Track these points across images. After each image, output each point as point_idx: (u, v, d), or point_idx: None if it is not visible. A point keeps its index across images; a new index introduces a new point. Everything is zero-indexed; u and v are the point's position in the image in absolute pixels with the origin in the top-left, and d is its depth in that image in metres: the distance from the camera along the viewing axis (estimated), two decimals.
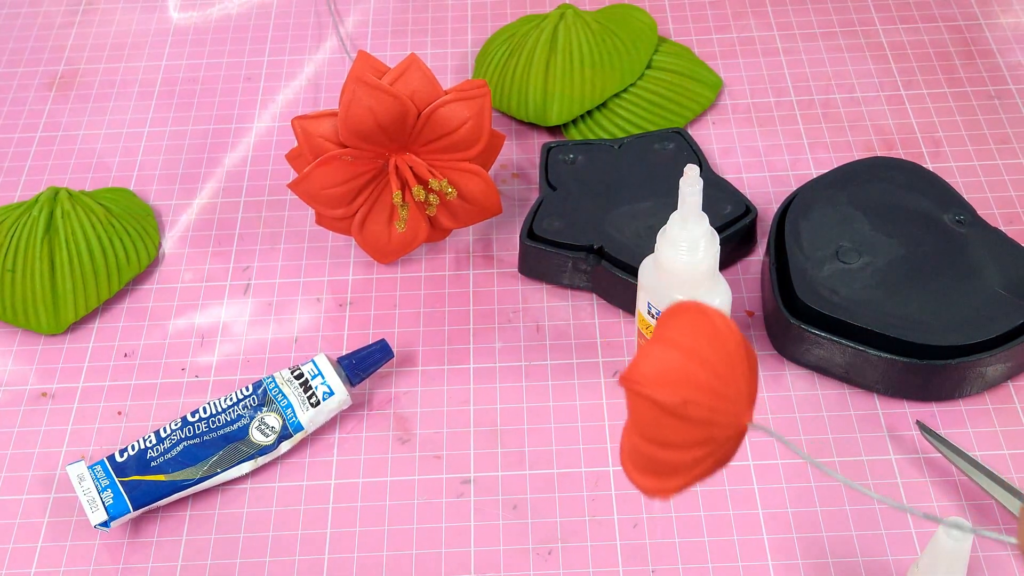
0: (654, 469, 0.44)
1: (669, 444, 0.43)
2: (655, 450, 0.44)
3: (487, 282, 0.73)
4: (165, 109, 0.86)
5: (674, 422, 0.43)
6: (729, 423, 0.43)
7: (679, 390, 0.42)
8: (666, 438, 0.43)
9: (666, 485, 0.44)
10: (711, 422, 0.43)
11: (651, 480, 0.45)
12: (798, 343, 0.66)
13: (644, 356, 0.43)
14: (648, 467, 0.44)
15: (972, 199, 0.75)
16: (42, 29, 0.93)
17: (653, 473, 0.44)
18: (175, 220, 0.78)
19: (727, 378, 0.43)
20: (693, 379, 0.42)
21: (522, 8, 0.92)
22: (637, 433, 0.44)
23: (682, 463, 0.44)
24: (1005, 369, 0.64)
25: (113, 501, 0.60)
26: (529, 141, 0.81)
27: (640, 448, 0.44)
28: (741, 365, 0.43)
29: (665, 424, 0.43)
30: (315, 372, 0.65)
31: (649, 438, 0.44)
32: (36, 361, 0.70)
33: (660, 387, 0.43)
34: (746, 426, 0.43)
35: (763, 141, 0.80)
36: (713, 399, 0.42)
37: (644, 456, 0.44)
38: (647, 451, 0.44)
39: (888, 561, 0.59)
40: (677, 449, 0.43)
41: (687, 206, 0.56)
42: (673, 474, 0.44)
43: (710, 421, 0.43)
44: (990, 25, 0.88)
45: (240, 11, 0.94)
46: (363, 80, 0.65)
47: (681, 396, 0.42)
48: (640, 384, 0.43)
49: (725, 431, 0.43)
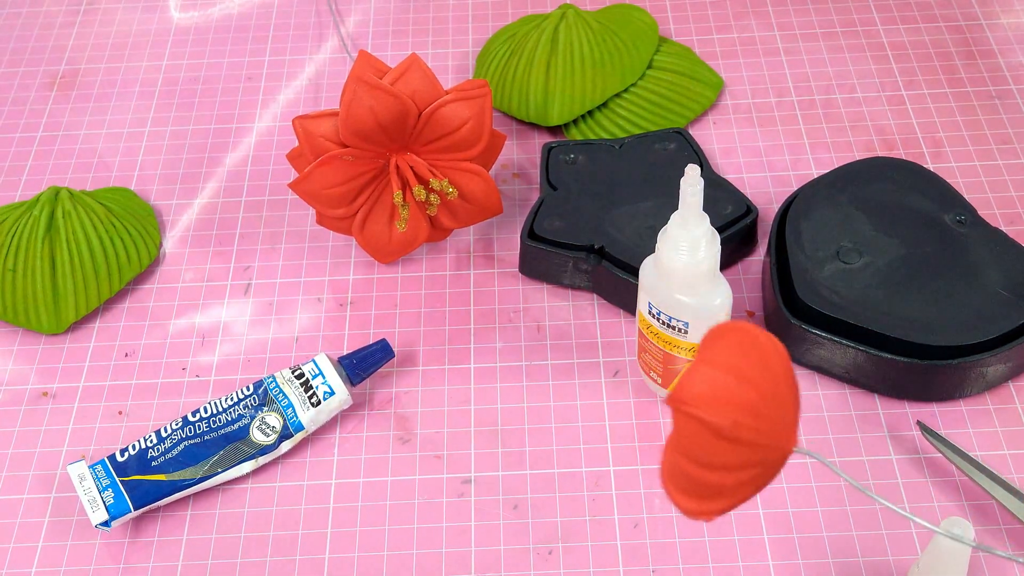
0: (698, 491, 0.43)
1: (715, 466, 0.43)
2: (700, 472, 0.43)
3: (488, 282, 0.73)
4: (166, 109, 0.86)
5: (722, 444, 0.42)
6: (776, 446, 0.42)
7: (729, 412, 0.42)
8: (713, 460, 0.42)
9: (709, 507, 0.43)
10: (759, 444, 0.42)
11: (694, 502, 0.44)
12: (799, 343, 0.66)
13: (693, 376, 0.43)
14: (691, 489, 0.44)
15: (973, 199, 0.75)
16: (43, 29, 0.93)
17: (696, 495, 0.44)
18: (176, 220, 0.78)
19: (774, 400, 0.42)
20: (743, 401, 0.42)
21: (523, 8, 0.92)
22: (682, 454, 0.43)
23: (727, 486, 0.43)
24: (1006, 369, 0.64)
25: (114, 501, 0.60)
26: (530, 141, 0.81)
27: (684, 469, 0.43)
28: (787, 387, 0.42)
29: (713, 446, 0.42)
30: (316, 372, 0.65)
31: (695, 459, 0.43)
32: (37, 361, 0.70)
33: (710, 408, 0.42)
34: (791, 450, 0.43)
35: (764, 141, 0.80)
36: (761, 421, 0.42)
37: (688, 477, 0.43)
38: (692, 472, 0.43)
39: (888, 561, 0.59)
40: (723, 471, 0.43)
41: (688, 206, 0.56)
42: (717, 496, 0.43)
43: (758, 444, 0.42)
44: (991, 25, 0.88)
45: (241, 11, 0.94)
46: (364, 80, 0.65)
47: (731, 418, 0.41)
48: (690, 405, 0.42)
49: (772, 454, 0.42)
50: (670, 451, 0.44)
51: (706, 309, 0.58)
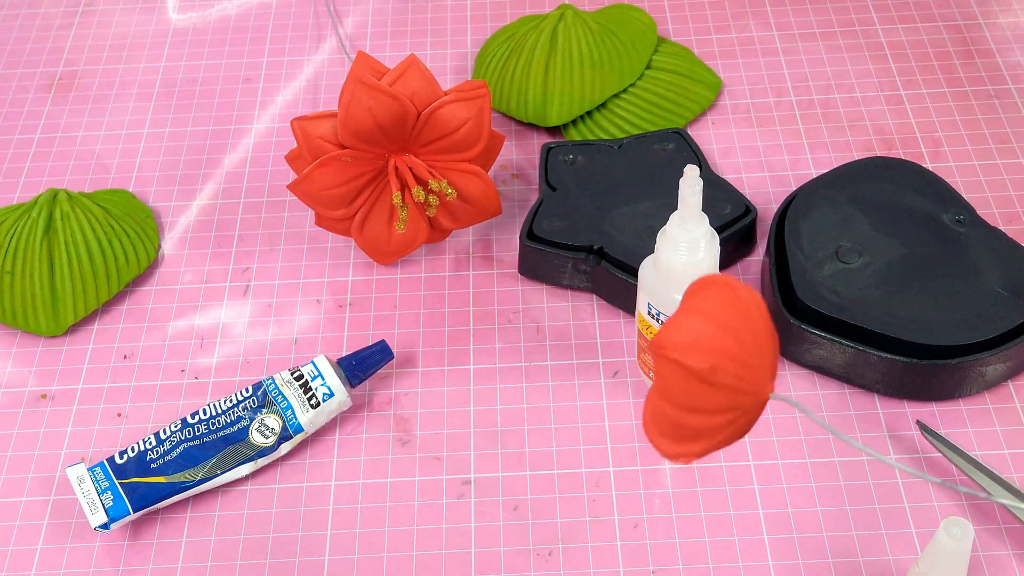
0: (678, 434, 0.46)
1: (695, 409, 0.45)
2: (681, 415, 0.45)
3: (487, 283, 0.73)
4: (164, 110, 0.86)
5: (702, 387, 0.45)
6: (753, 391, 0.45)
7: (708, 356, 0.44)
8: (693, 403, 0.45)
9: (688, 449, 0.46)
10: (737, 389, 0.44)
11: (674, 445, 0.46)
12: (798, 343, 0.66)
13: (674, 324, 0.45)
14: (672, 432, 0.46)
15: (972, 199, 0.75)
16: (41, 30, 0.93)
17: (677, 438, 0.46)
18: (174, 221, 0.78)
19: (752, 348, 0.44)
20: (721, 347, 0.44)
21: (521, 8, 0.92)
22: (663, 398, 0.46)
23: (706, 428, 0.45)
24: (1005, 369, 0.64)
25: (113, 503, 0.60)
26: (529, 142, 0.81)
27: (666, 412, 0.46)
28: (765, 337, 0.45)
29: (693, 389, 0.45)
30: (315, 373, 0.65)
31: (676, 403, 0.45)
32: (35, 363, 0.70)
33: (690, 353, 0.44)
34: (768, 396, 0.45)
35: (763, 141, 0.80)
36: (739, 367, 0.44)
37: (669, 420, 0.46)
38: (673, 416, 0.46)
39: (888, 561, 0.59)
40: (702, 414, 0.45)
41: (687, 206, 0.56)
42: (696, 439, 0.46)
43: (736, 388, 0.44)
44: (989, 25, 0.88)
45: (239, 12, 0.94)
46: (362, 81, 0.65)
47: (710, 362, 0.44)
48: (671, 350, 0.45)
49: (749, 399, 0.45)
50: (653, 397, 0.47)
51: None
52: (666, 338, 0.45)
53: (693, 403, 0.45)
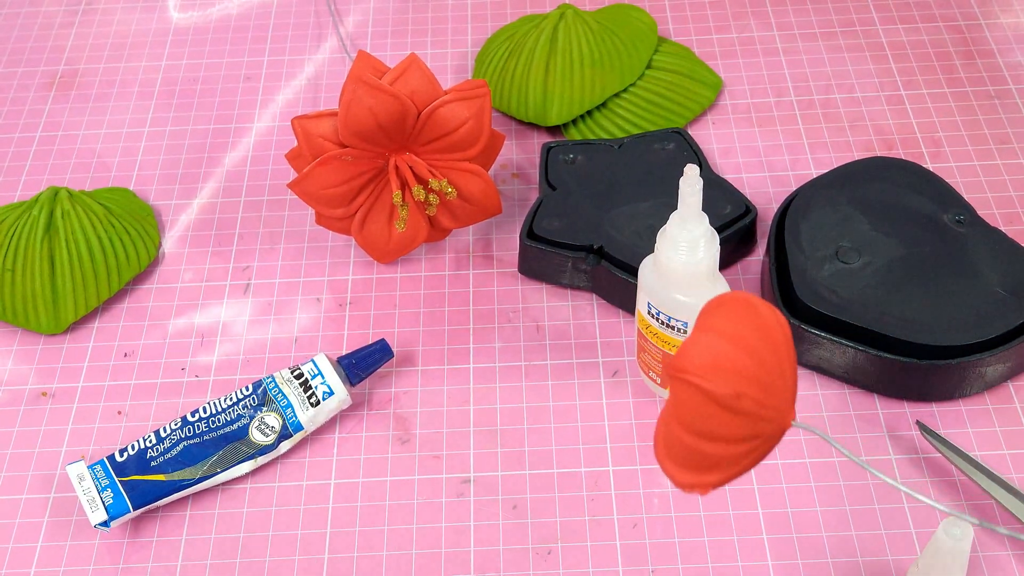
0: (693, 462, 0.42)
1: (714, 437, 0.42)
2: (698, 442, 0.42)
3: (487, 282, 0.73)
4: (165, 109, 0.86)
5: (723, 415, 0.41)
6: (775, 418, 0.41)
7: (731, 381, 0.41)
8: (712, 431, 0.41)
9: (705, 480, 0.42)
10: (759, 416, 0.41)
11: (690, 474, 0.43)
12: (798, 343, 0.66)
13: (694, 345, 0.42)
14: (687, 460, 0.43)
15: (972, 199, 0.75)
16: (42, 29, 0.93)
17: (692, 467, 0.43)
18: (175, 220, 0.78)
19: (775, 371, 0.41)
20: (744, 371, 0.41)
21: (522, 8, 0.92)
22: (680, 424, 0.42)
23: (724, 458, 0.42)
24: (1005, 369, 0.64)
25: (113, 501, 0.60)
26: (529, 141, 0.81)
27: (682, 440, 0.42)
28: (787, 359, 0.41)
29: (713, 416, 0.41)
30: (315, 372, 0.65)
31: (693, 430, 0.42)
32: (36, 361, 0.70)
33: (712, 378, 0.41)
34: (789, 423, 0.42)
35: (763, 141, 0.80)
36: (762, 393, 0.41)
37: (684, 448, 0.42)
38: (689, 443, 0.42)
39: (888, 561, 0.59)
40: (721, 443, 0.42)
41: (687, 206, 0.56)
42: (713, 469, 0.42)
43: (758, 415, 0.41)
44: (990, 25, 0.88)
45: (240, 11, 0.94)
46: (363, 80, 0.65)
47: (733, 388, 0.41)
48: (691, 374, 0.41)
49: (770, 427, 0.41)
50: (667, 422, 0.43)
51: None
52: (686, 360, 0.41)
53: (712, 430, 0.41)
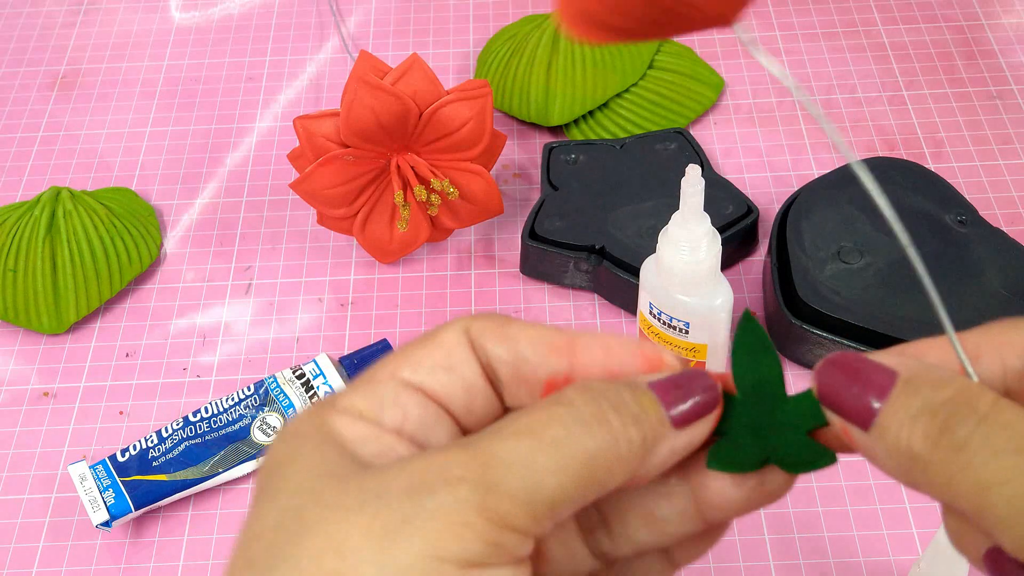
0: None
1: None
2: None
3: (489, 282, 0.73)
4: (167, 109, 0.86)
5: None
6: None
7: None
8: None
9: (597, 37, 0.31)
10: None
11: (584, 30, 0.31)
12: (800, 343, 0.66)
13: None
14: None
15: (974, 199, 0.75)
16: (44, 29, 0.94)
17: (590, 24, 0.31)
18: (177, 220, 0.78)
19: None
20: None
21: (524, 8, 0.92)
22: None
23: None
24: None
25: (115, 501, 0.60)
26: (531, 141, 0.81)
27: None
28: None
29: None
30: (317, 372, 0.65)
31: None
32: (38, 361, 0.70)
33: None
34: (730, 21, 0.31)
35: (765, 141, 0.80)
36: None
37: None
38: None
39: (889, 561, 0.59)
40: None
41: (689, 206, 0.56)
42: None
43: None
44: (992, 25, 0.88)
45: (242, 11, 0.94)
46: (365, 80, 0.65)
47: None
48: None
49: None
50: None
51: (707, 309, 0.58)
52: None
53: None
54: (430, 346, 0.32)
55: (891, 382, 0.30)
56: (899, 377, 0.30)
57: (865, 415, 0.30)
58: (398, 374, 0.31)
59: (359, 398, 0.31)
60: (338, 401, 0.31)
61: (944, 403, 0.29)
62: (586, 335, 0.33)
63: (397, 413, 0.31)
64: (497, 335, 0.32)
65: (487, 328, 0.32)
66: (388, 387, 0.31)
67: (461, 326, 0.32)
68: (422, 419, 0.31)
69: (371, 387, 0.31)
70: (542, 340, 0.32)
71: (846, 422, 0.30)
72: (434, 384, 0.31)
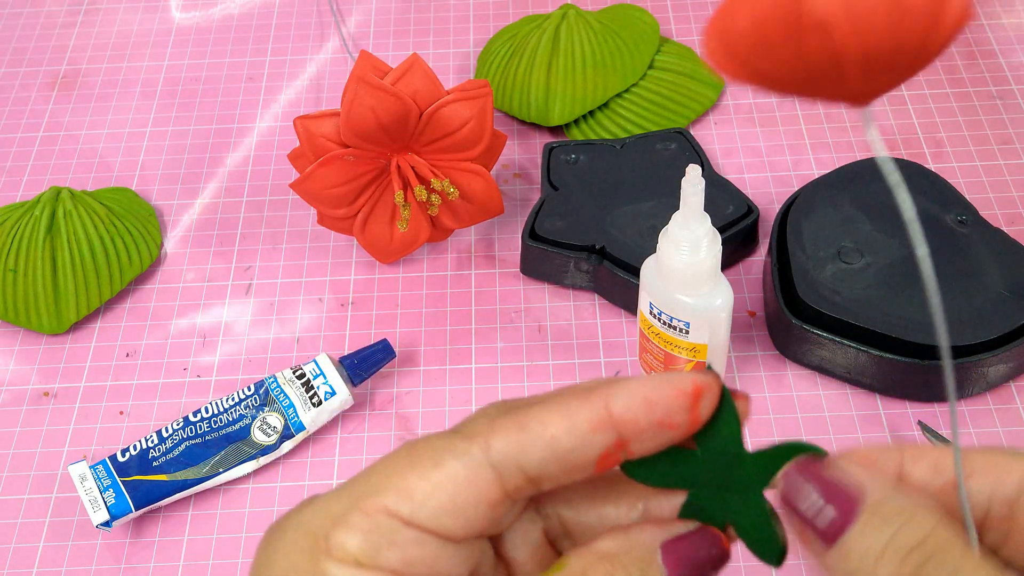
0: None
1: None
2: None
3: (489, 282, 0.73)
4: (167, 109, 0.86)
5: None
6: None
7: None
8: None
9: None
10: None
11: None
12: (800, 343, 0.66)
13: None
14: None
15: (974, 199, 0.75)
16: (44, 29, 0.94)
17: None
18: (177, 220, 0.78)
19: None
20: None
21: (524, 8, 0.92)
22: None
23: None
24: (1007, 369, 0.64)
25: (115, 501, 0.60)
26: (531, 141, 0.81)
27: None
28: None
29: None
30: (317, 372, 0.65)
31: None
32: (38, 361, 0.70)
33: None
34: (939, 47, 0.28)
35: (765, 141, 0.80)
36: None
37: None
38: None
39: None
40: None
41: (689, 206, 0.56)
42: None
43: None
44: (992, 25, 0.88)
45: (242, 11, 0.94)
46: (365, 80, 0.65)
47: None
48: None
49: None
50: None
51: (707, 309, 0.58)
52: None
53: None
54: (434, 477, 0.31)
55: (855, 506, 0.30)
56: (866, 503, 0.30)
57: (829, 533, 0.30)
58: (396, 510, 0.30)
59: (352, 537, 0.30)
60: (332, 537, 0.30)
61: (915, 548, 0.29)
62: (612, 389, 0.31)
63: (395, 554, 0.30)
64: (523, 444, 0.31)
65: (509, 446, 0.31)
66: (384, 524, 0.30)
67: (477, 457, 0.31)
68: (422, 557, 0.30)
69: (366, 521, 0.30)
70: (574, 425, 0.31)
71: (808, 532, 0.31)
72: (436, 527, 0.30)
